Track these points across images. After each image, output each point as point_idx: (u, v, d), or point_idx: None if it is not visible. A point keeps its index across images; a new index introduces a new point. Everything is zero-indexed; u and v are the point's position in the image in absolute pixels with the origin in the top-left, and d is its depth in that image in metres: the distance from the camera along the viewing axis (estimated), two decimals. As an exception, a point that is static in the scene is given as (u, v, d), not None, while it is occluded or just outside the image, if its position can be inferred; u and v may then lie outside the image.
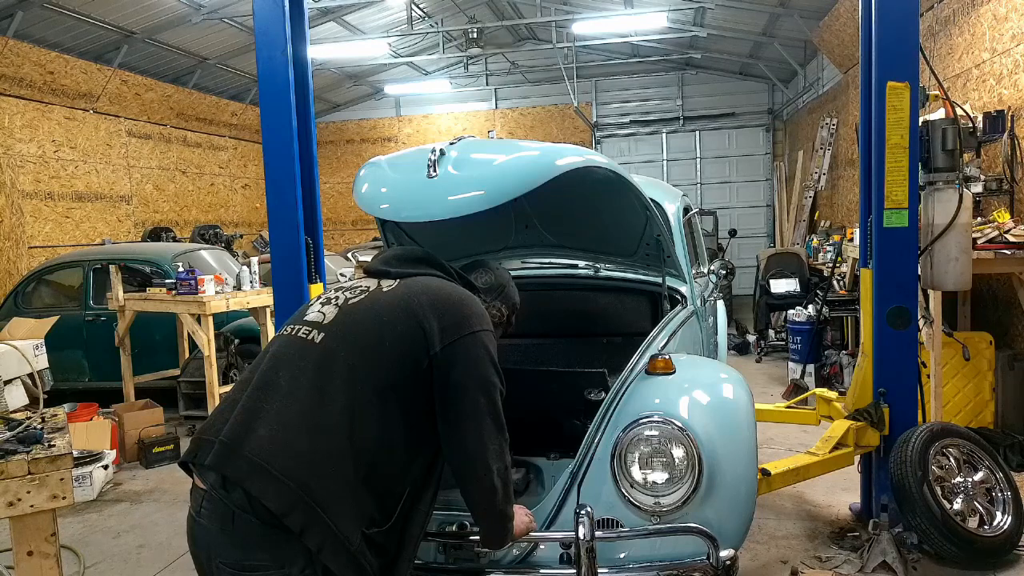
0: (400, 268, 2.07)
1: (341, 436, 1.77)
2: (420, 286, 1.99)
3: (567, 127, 16.16)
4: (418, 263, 2.10)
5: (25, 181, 10.06)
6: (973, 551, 3.52)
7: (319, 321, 1.94)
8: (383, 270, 2.07)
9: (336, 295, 2.03)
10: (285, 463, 1.72)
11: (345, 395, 1.81)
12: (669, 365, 2.79)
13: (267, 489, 1.68)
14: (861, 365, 4.12)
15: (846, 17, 8.93)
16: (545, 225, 3.61)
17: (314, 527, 1.69)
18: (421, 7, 12.89)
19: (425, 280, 2.03)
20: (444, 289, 2.01)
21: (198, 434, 1.86)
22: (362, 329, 1.90)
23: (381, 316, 1.92)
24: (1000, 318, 5.69)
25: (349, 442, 1.78)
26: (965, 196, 3.98)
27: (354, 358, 1.85)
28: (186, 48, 11.83)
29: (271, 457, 1.71)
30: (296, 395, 1.81)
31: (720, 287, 5.65)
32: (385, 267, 2.08)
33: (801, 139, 13.45)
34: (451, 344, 1.89)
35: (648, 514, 2.45)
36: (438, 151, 2.39)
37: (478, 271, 2.32)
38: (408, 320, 1.90)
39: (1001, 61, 5.76)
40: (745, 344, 9.73)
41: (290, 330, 1.98)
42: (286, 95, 3.98)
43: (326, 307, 1.98)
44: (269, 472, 1.69)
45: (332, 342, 1.89)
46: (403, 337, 1.88)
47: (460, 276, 2.19)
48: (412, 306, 1.92)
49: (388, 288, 1.99)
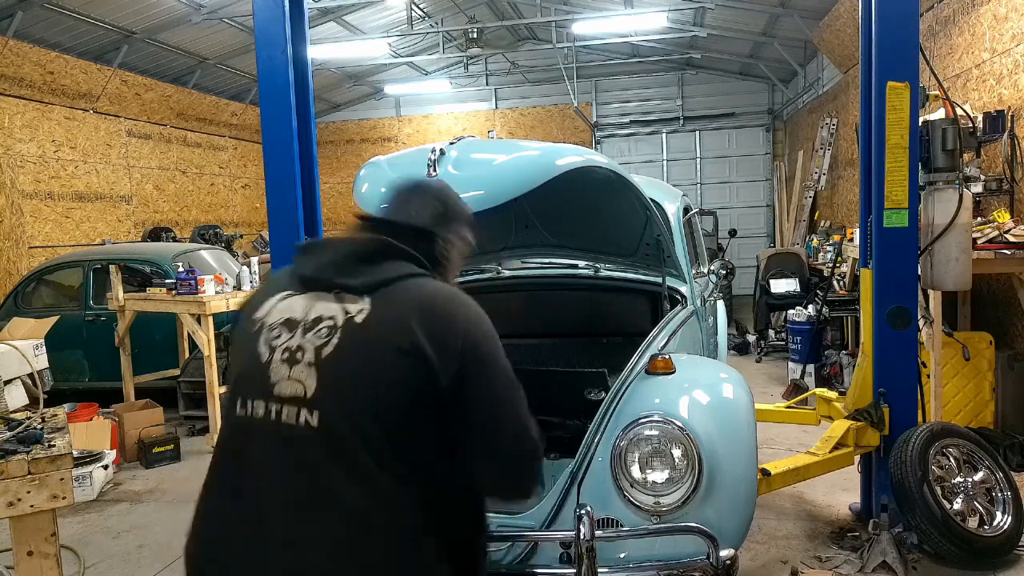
0: (363, 278, 1.53)
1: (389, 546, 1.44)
2: (399, 308, 1.51)
3: (567, 127, 16.16)
4: (377, 259, 1.57)
5: (25, 181, 10.06)
6: (973, 551, 3.52)
7: (299, 395, 1.45)
8: (343, 284, 1.53)
9: (293, 343, 1.49)
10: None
11: (372, 494, 1.43)
12: (669, 365, 2.79)
13: None
14: (861, 365, 4.12)
15: (846, 17, 8.93)
16: (545, 225, 3.62)
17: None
18: (421, 7, 12.88)
19: (397, 291, 1.53)
20: (426, 300, 1.54)
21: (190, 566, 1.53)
22: (363, 393, 1.45)
23: (375, 365, 1.46)
24: (1000, 318, 5.69)
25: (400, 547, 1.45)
26: (965, 196, 3.98)
27: (366, 437, 1.44)
28: (186, 48, 11.83)
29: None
30: (312, 534, 1.40)
31: (720, 287, 5.65)
32: (344, 279, 1.53)
33: (801, 139, 13.45)
34: (460, 370, 1.50)
35: (648, 514, 2.45)
36: (438, 151, 2.40)
37: (413, 204, 1.73)
38: (404, 359, 1.46)
39: (1001, 61, 5.76)
40: (745, 344, 9.73)
41: (262, 412, 1.47)
42: (286, 95, 3.98)
43: (295, 367, 1.47)
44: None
45: (335, 422, 1.44)
46: (407, 384, 1.47)
47: (415, 236, 1.65)
48: (403, 342, 1.47)
49: (361, 317, 1.49)
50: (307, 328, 1.50)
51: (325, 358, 1.46)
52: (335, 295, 1.53)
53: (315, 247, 1.65)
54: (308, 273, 1.59)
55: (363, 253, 1.58)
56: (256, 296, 1.68)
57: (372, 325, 1.48)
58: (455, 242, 1.74)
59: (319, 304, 1.53)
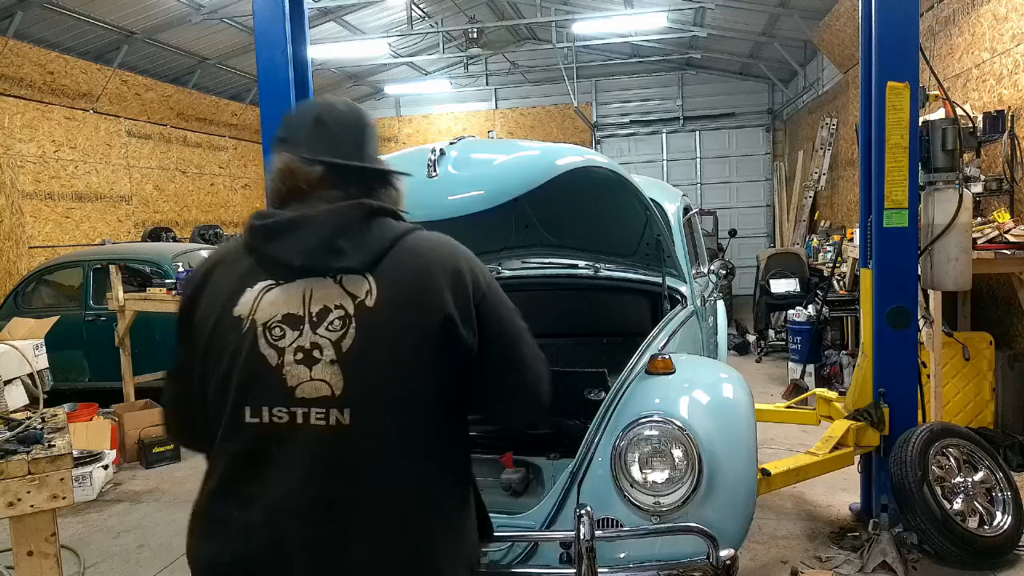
0: (358, 254, 1.42)
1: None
2: (408, 280, 1.44)
3: (567, 127, 16.16)
4: (362, 228, 1.45)
5: (25, 181, 10.06)
6: (973, 551, 3.52)
7: (327, 395, 1.38)
8: (341, 267, 1.42)
9: (304, 341, 1.40)
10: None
11: (413, 479, 1.44)
12: (669, 365, 2.79)
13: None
14: (861, 365, 4.12)
15: (846, 17, 8.93)
16: (545, 225, 3.62)
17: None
18: (421, 7, 12.88)
19: (397, 260, 1.45)
20: (431, 262, 1.47)
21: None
22: (395, 382, 1.41)
23: (401, 349, 1.41)
24: (1000, 318, 5.69)
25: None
26: (965, 196, 3.98)
27: (403, 424, 1.42)
28: (186, 48, 11.83)
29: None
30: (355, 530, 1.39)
31: (720, 287, 5.66)
32: (340, 260, 1.42)
33: (801, 139, 13.45)
34: (480, 322, 1.48)
35: (648, 514, 2.45)
36: (438, 151, 2.40)
37: (347, 138, 1.55)
38: (430, 333, 1.42)
39: (1001, 61, 5.76)
40: (745, 344, 9.73)
41: (286, 418, 1.39)
42: (286, 95, 3.98)
43: (315, 367, 1.39)
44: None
45: (370, 417, 1.40)
46: (435, 358, 1.44)
47: (376, 179, 1.56)
48: (424, 315, 1.42)
49: (372, 300, 1.41)
50: (314, 322, 1.40)
51: (347, 352, 1.39)
52: (334, 279, 1.42)
53: (287, 228, 1.44)
54: (296, 260, 1.42)
55: (347, 226, 1.43)
56: (215, 288, 1.49)
57: (386, 306, 1.41)
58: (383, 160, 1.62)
59: (318, 293, 1.41)
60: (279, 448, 1.40)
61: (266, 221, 1.47)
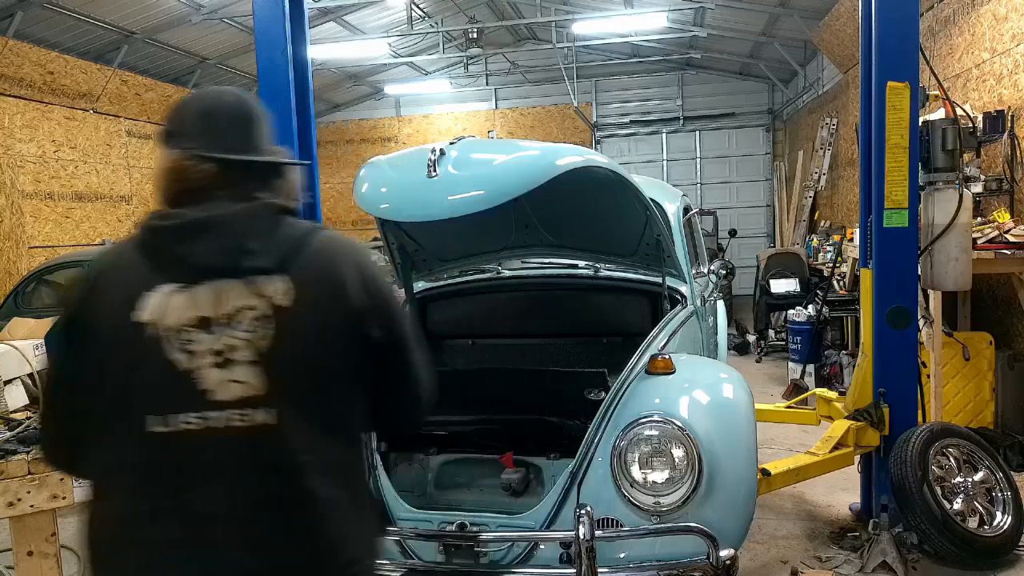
0: (269, 255, 1.41)
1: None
2: (320, 279, 1.45)
3: (567, 127, 16.15)
4: (270, 227, 1.44)
5: (25, 181, 10.06)
6: (973, 551, 3.52)
7: (247, 396, 1.36)
8: (252, 267, 1.40)
9: (218, 343, 1.36)
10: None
11: (337, 471, 1.46)
12: (669, 365, 2.79)
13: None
14: (861, 365, 4.12)
15: (846, 17, 8.93)
16: (545, 225, 3.62)
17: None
18: (421, 7, 12.88)
19: (307, 259, 1.45)
20: (339, 261, 1.49)
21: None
22: (315, 380, 1.43)
23: (319, 347, 1.43)
24: (1000, 318, 5.69)
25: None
26: (965, 196, 3.98)
27: (326, 423, 1.44)
28: (186, 48, 11.83)
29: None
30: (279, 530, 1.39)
31: (720, 287, 5.65)
32: (251, 261, 1.40)
33: (801, 139, 13.44)
34: (381, 320, 1.52)
35: (648, 514, 2.46)
36: (438, 151, 2.40)
37: (238, 131, 1.52)
38: (343, 330, 1.46)
39: (1001, 61, 5.76)
40: (745, 344, 9.73)
41: (199, 424, 1.35)
42: (286, 95, 3.98)
43: (233, 369, 1.36)
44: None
45: (292, 416, 1.39)
46: (350, 354, 1.47)
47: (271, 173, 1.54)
48: (338, 313, 1.45)
49: (287, 300, 1.40)
50: (228, 324, 1.37)
51: (266, 352, 1.37)
52: (245, 281, 1.39)
53: (194, 229, 1.40)
54: (204, 261, 1.39)
55: (257, 226, 1.42)
56: (109, 293, 1.42)
57: (301, 304, 1.40)
58: (276, 151, 1.59)
59: (230, 294, 1.38)
60: (195, 456, 1.35)
61: (171, 222, 1.42)
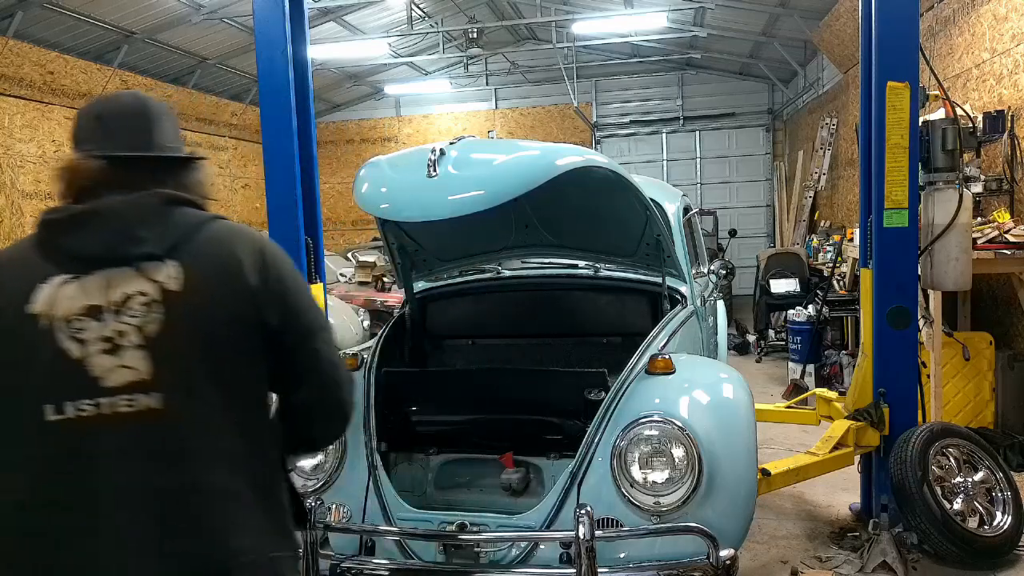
0: (160, 242, 1.42)
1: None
2: (212, 264, 1.45)
3: (567, 127, 16.16)
4: (161, 216, 1.45)
5: (25, 181, 10.06)
6: (973, 551, 3.52)
7: (134, 381, 1.36)
8: (142, 253, 1.41)
9: (108, 330, 1.37)
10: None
11: (231, 458, 1.45)
12: (669, 365, 2.79)
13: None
14: (861, 365, 4.12)
15: (846, 17, 8.93)
16: (545, 225, 3.62)
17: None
18: (421, 7, 12.88)
19: (200, 245, 1.45)
20: (235, 246, 1.49)
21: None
22: (203, 363, 1.42)
23: (209, 330, 1.42)
24: (1000, 318, 5.69)
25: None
26: (965, 196, 3.98)
27: (216, 406, 1.43)
28: (186, 48, 11.83)
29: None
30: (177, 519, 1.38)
31: (720, 287, 5.66)
32: (141, 248, 1.41)
33: (801, 139, 13.45)
34: (280, 307, 1.50)
35: (648, 514, 2.46)
36: (438, 151, 2.40)
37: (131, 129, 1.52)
38: (235, 315, 1.45)
39: (1001, 61, 5.76)
40: (745, 344, 9.73)
41: (91, 411, 1.35)
42: (286, 95, 3.98)
43: (121, 355, 1.37)
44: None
45: (180, 400, 1.39)
46: (241, 339, 1.46)
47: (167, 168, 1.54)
48: (229, 298, 1.44)
49: (177, 284, 1.40)
50: (117, 311, 1.38)
51: (154, 337, 1.38)
52: (134, 268, 1.40)
53: (82, 220, 1.43)
54: (92, 251, 1.40)
55: (145, 214, 1.43)
56: (4, 289, 1.44)
57: (192, 288, 1.41)
58: (182, 148, 1.58)
59: (119, 281, 1.39)
60: (91, 444, 1.36)
61: (60, 215, 1.45)
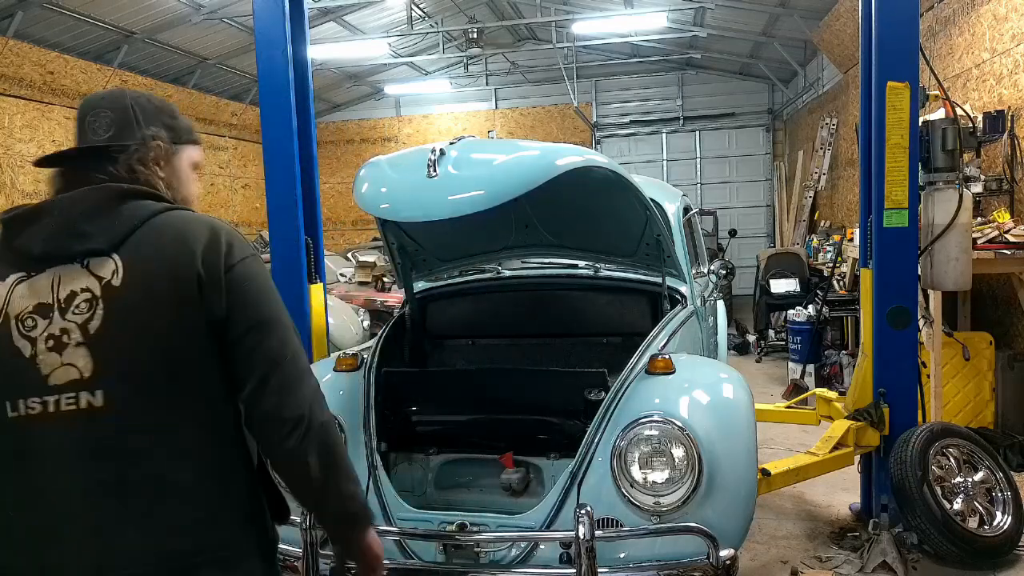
0: (103, 236, 1.42)
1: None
2: (155, 256, 1.43)
3: (567, 127, 16.16)
4: (105, 209, 1.44)
5: (25, 181, 10.06)
6: (973, 551, 3.52)
7: (76, 379, 1.37)
8: (85, 249, 1.41)
9: (54, 328, 1.39)
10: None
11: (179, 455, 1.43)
12: (669, 365, 2.79)
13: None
14: (861, 365, 4.12)
15: (846, 17, 8.93)
16: (545, 225, 3.62)
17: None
18: (421, 7, 12.88)
19: (144, 237, 1.44)
20: (181, 236, 1.45)
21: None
22: (147, 358, 1.40)
23: (151, 325, 1.40)
24: (1000, 318, 5.69)
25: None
26: (965, 196, 3.98)
27: (161, 402, 1.41)
28: (186, 48, 11.83)
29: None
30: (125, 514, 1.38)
31: (720, 287, 5.65)
32: (84, 244, 1.41)
33: (801, 139, 13.45)
34: (231, 296, 1.45)
35: (648, 514, 2.46)
36: (438, 151, 2.40)
37: (89, 127, 1.58)
38: (177, 307, 1.42)
39: (1001, 61, 5.76)
40: (745, 344, 9.73)
41: (40, 409, 1.37)
42: (286, 95, 3.98)
43: (65, 352, 1.38)
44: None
45: (123, 397, 1.38)
46: (187, 331, 1.43)
47: (101, 158, 1.53)
48: (171, 290, 1.41)
49: (119, 279, 1.40)
50: (63, 308, 1.39)
51: (95, 333, 1.38)
52: (81, 264, 1.41)
53: (30, 218, 1.45)
54: (39, 249, 1.42)
55: (92, 209, 1.44)
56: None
57: (135, 283, 1.40)
58: (151, 143, 1.55)
59: (65, 278, 1.41)
60: (38, 441, 1.38)
61: (11, 214, 1.46)
